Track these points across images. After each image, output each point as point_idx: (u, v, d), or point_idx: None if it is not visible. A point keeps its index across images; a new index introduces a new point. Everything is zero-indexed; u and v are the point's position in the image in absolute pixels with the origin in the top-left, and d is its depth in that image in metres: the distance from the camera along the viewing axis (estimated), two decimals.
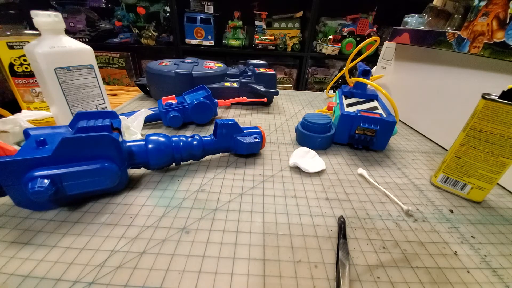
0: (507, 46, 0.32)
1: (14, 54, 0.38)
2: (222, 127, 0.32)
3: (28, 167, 0.21)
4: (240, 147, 0.34)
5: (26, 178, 0.21)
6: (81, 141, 0.23)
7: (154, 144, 0.28)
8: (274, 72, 0.56)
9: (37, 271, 0.18)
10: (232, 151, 0.35)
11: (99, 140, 0.23)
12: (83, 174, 0.23)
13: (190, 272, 0.19)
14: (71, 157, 0.23)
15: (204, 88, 0.45)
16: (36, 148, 0.22)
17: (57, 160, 0.22)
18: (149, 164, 0.29)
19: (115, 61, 1.41)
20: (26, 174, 0.21)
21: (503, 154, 0.27)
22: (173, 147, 0.30)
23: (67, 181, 0.22)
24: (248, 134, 0.35)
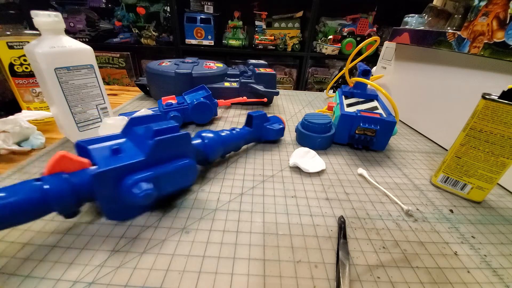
0: (507, 46, 0.32)
1: (14, 54, 0.38)
2: (256, 118, 0.36)
3: (124, 173, 0.21)
4: (271, 134, 0.38)
5: (125, 184, 0.20)
6: (170, 141, 0.23)
7: (209, 140, 0.30)
8: (274, 72, 0.56)
9: (37, 271, 0.18)
10: (262, 139, 0.39)
11: (181, 139, 0.24)
12: (175, 173, 0.23)
13: (190, 272, 0.19)
14: (160, 158, 0.23)
15: (204, 88, 0.45)
16: (112, 156, 0.22)
17: (150, 162, 0.22)
18: (208, 159, 0.30)
19: (115, 61, 1.41)
20: (124, 181, 0.21)
21: (503, 154, 0.27)
22: (222, 140, 0.31)
23: (163, 182, 0.23)
24: (273, 122, 0.39)
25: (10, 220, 0.18)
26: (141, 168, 0.22)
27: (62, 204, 0.19)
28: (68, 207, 0.20)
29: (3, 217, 0.17)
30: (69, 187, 0.19)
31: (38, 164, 0.31)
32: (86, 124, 0.35)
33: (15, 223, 0.18)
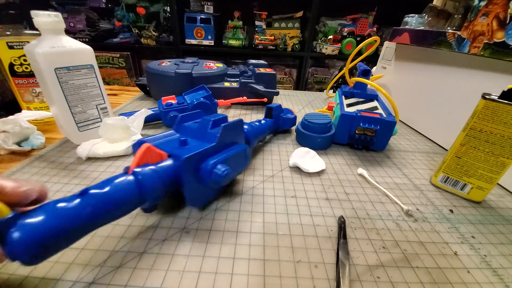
0: (507, 46, 0.32)
1: (14, 54, 0.38)
2: (275, 109, 0.40)
3: (202, 158, 0.23)
4: (287, 123, 0.43)
5: (205, 168, 0.22)
6: (232, 126, 0.26)
7: (247, 130, 0.32)
8: (274, 72, 0.56)
9: (37, 271, 0.18)
10: (279, 129, 0.43)
11: (238, 125, 0.27)
12: (237, 156, 0.26)
13: (190, 272, 0.19)
14: (225, 144, 0.25)
15: (204, 88, 0.45)
16: (182, 146, 0.24)
17: (218, 148, 0.24)
18: (249, 146, 0.32)
19: (115, 61, 1.41)
20: (202, 165, 0.22)
21: (503, 154, 0.27)
22: (257, 130, 0.34)
23: (231, 164, 0.24)
24: (286, 113, 0.43)
25: (111, 216, 0.18)
26: (213, 154, 0.24)
27: (154, 194, 0.20)
28: (157, 198, 0.20)
29: (106, 213, 0.17)
30: (159, 177, 0.20)
31: (38, 164, 0.31)
32: (86, 124, 0.35)
33: (113, 218, 0.18)
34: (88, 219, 0.16)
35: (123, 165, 0.32)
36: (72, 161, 0.32)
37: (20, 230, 0.14)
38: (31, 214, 0.15)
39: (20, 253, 0.14)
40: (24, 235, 0.14)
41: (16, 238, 0.13)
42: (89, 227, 0.16)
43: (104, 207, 0.17)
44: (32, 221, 0.14)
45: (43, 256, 0.15)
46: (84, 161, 0.32)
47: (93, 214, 0.16)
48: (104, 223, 0.17)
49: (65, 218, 0.15)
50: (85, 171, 0.30)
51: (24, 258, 0.14)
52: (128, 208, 0.19)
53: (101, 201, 0.17)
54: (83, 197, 0.16)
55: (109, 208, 0.17)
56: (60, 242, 0.15)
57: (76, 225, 0.15)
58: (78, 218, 0.15)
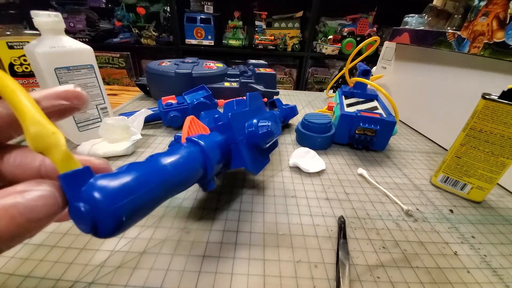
0: (507, 46, 0.32)
1: (14, 54, 0.38)
2: (277, 100, 0.44)
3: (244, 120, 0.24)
4: (292, 113, 0.45)
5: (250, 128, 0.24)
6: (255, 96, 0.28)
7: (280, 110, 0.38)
8: (274, 72, 0.56)
9: (37, 271, 0.18)
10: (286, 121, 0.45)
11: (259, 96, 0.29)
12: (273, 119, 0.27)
13: (190, 272, 0.19)
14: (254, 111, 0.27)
15: (204, 88, 0.45)
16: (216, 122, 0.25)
17: (251, 113, 0.26)
18: None
19: (115, 61, 1.41)
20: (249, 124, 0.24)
21: (503, 154, 0.27)
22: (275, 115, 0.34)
23: None
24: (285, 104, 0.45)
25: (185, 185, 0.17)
26: (250, 117, 0.25)
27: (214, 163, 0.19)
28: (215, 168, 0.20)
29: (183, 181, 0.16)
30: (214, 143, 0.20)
31: None
32: (86, 124, 0.35)
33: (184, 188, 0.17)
34: (167, 184, 0.14)
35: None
36: None
37: (104, 191, 0.11)
38: (111, 175, 0.12)
39: (106, 221, 0.11)
40: (110, 199, 0.11)
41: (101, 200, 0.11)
42: (166, 194, 0.15)
43: (179, 171, 0.16)
44: (115, 182, 0.12)
45: (126, 226, 0.12)
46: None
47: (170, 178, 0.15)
48: (177, 191, 0.16)
49: (148, 182, 0.13)
50: None
51: (106, 228, 0.11)
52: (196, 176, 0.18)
53: (176, 164, 0.16)
54: (158, 161, 0.15)
55: (184, 174, 0.16)
56: (143, 210, 0.13)
57: (158, 190, 0.14)
58: (159, 182, 0.14)
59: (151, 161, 0.15)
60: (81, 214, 0.10)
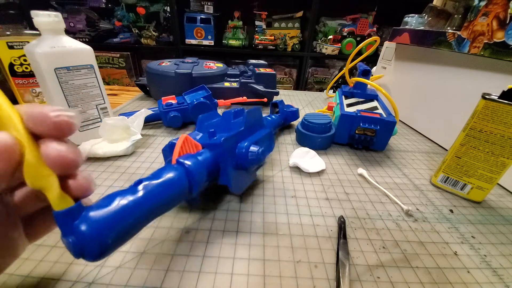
0: (507, 46, 0.32)
1: (14, 54, 0.38)
2: (280, 104, 0.43)
3: (236, 142, 0.24)
4: (293, 116, 0.45)
5: (241, 149, 0.24)
6: (253, 112, 0.28)
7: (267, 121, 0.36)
8: (274, 72, 0.56)
9: (37, 271, 0.18)
10: (287, 122, 0.45)
11: (258, 111, 0.29)
12: (265, 139, 0.28)
13: (190, 272, 0.19)
14: (249, 129, 0.27)
15: (204, 88, 0.45)
16: (211, 137, 0.24)
17: (246, 133, 0.26)
18: None
19: (115, 61, 1.40)
20: (238, 147, 0.24)
21: (503, 154, 0.27)
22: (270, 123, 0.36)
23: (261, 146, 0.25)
24: (289, 107, 0.46)
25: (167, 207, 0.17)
26: (243, 139, 0.25)
27: (200, 182, 0.20)
28: (202, 186, 0.21)
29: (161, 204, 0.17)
30: (202, 165, 0.21)
31: None
32: (86, 124, 0.35)
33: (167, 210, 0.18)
34: (148, 210, 0.16)
35: (123, 165, 0.32)
36: None
37: (86, 223, 0.13)
38: (98, 206, 0.14)
39: (91, 249, 0.13)
40: (94, 230, 0.13)
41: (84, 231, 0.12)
42: (148, 219, 0.16)
43: (162, 198, 0.17)
44: (97, 214, 0.13)
45: (110, 251, 0.14)
46: (84, 161, 0.32)
47: (152, 205, 0.16)
48: (161, 213, 0.17)
49: (129, 211, 0.14)
50: (85, 171, 0.30)
51: (92, 254, 0.13)
52: (180, 197, 0.19)
53: (158, 192, 0.16)
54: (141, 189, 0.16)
55: (165, 198, 0.17)
56: (126, 235, 0.14)
57: (139, 217, 0.15)
58: (140, 210, 0.15)
59: (134, 190, 0.16)
60: (70, 245, 0.12)
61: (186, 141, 0.22)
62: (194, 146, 0.23)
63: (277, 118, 0.40)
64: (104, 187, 0.28)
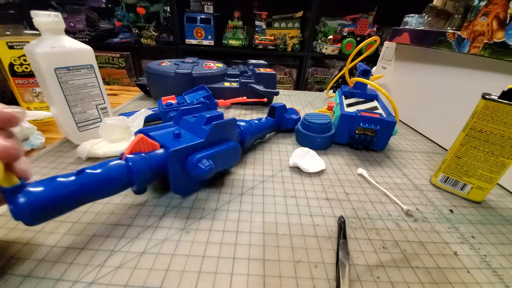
0: (507, 46, 0.32)
1: (14, 54, 0.38)
2: (279, 109, 0.41)
3: (190, 152, 0.25)
4: (290, 123, 0.43)
5: (191, 161, 0.24)
6: (222, 125, 0.27)
7: (244, 128, 0.33)
8: (274, 72, 0.56)
9: (37, 271, 0.18)
10: (281, 128, 0.43)
11: (230, 124, 0.29)
12: (226, 153, 0.27)
13: (190, 272, 0.19)
14: (214, 140, 0.27)
15: (204, 88, 0.45)
16: (175, 139, 0.26)
17: (207, 144, 0.26)
18: (243, 145, 0.33)
19: (115, 61, 1.40)
20: (189, 159, 0.24)
21: (503, 154, 0.27)
22: (254, 129, 0.35)
23: (218, 160, 0.26)
24: (291, 113, 0.44)
25: (102, 193, 0.20)
26: (201, 149, 0.26)
27: (141, 179, 0.22)
28: (145, 182, 0.23)
29: (98, 190, 0.20)
30: (148, 164, 0.23)
31: (38, 164, 0.31)
32: (86, 124, 0.35)
33: (104, 195, 0.21)
34: (82, 192, 0.19)
35: None
36: (72, 161, 0.32)
37: (26, 196, 0.17)
38: (35, 184, 0.17)
39: (24, 215, 0.16)
40: (29, 201, 0.16)
41: (22, 202, 0.16)
42: (82, 199, 0.19)
43: (96, 184, 0.20)
44: (35, 190, 0.17)
45: (42, 219, 0.18)
46: (84, 161, 0.32)
47: (86, 188, 0.19)
48: (96, 198, 0.20)
49: (62, 190, 0.18)
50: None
51: (26, 219, 0.17)
52: (117, 187, 0.21)
53: (94, 179, 0.20)
54: (80, 174, 0.19)
55: (100, 185, 0.20)
56: (57, 209, 0.18)
57: (71, 196, 0.18)
58: (73, 191, 0.18)
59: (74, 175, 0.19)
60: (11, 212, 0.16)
61: (142, 141, 0.23)
62: (150, 145, 0.24)
63: (268, 122, 0.39)
64: None
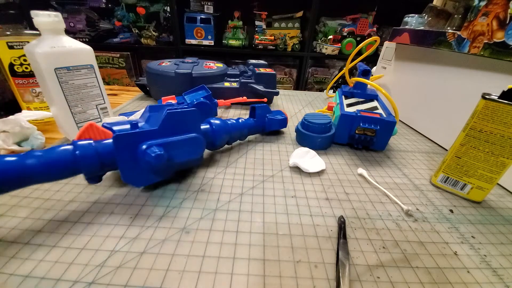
0: (507, 46, 0.32)
1: (14, 54, 0.38)
2: (258, 108, 0.40)
3: (140, 140, 0.24)
4: (274, 124, 0.41)
5: (141, 149, 0.24)
6: (179, 114, 0.26)
7: (216, 126, 0.33)
8: (274, 72, 0.56)
9: (37, 271, 0.18)
10: (266, 130, 0.41)
11: (190, 114, 0.27)
12: (184, 143, 0.27)
13: (190, 272, 0.19)
14: (171, 130, 0.26)
15: (204, 88, 0.45)
16: (132, 128, 0.25)
17: (161, 133, 0.25)
18: (215, 144, 0.33)
19: (115, 61, 1.41)
20: (140, 146, 0.24)
21: (503, 154, 0.27)
22: (228, 128, 0.34)
23: (173, 150, 0.25)
24: (275, 114, 0.42)
25: (47, 176, 0.21)
26: (155, 137, 0.25)
27: (88, 166, 0.22)
28: (93, 170, 0.23)
29: (42, 172, 0.20)
30: (94, 152, 0.22)
31: None
32: None
33: (51, 178, 0.21)
34: (27, 172, 0.20)
35: None
36: None
37: None
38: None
39: None
40: None
41: None
42: (28, 179, 0.20)
43: (41, 166, 0.20)
44: None
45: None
46: None
47: (31, 169, 0.20)
48: (40, 180, 0.21)
49: (5, 168, 0.19)
50: None
51: None
52: (63, 172, 0.22)
53: (39, 160, 0.20)
54: (26, 155, 0.20)
55: (45, 167, 0.20)
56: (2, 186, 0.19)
57: (16, 174, 0.19)
58: (18, 169, 0.19)
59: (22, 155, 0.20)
60: None
61: (91, 127, 0.24)
62: (101, 133, 0.24)
63: (247, 122, 0.38)
64: (104, 187, 0.28)
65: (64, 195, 0.26)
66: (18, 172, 0.19)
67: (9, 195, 0.25)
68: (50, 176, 0.21)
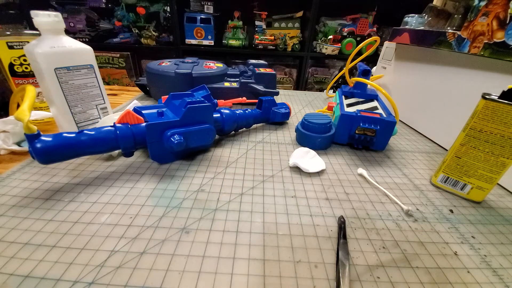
0: (507, 46, 0.32)
1: (14, 54, 0.38)
2: (265, 101, 0.45)
3: (165, 128, 0.30)
4: (277, 116, 0.45)
5: (166, 135, 0.29)
6: (198, 109, 0.32)
7: (226, 115, 0.38)
8: (274, 72, 0.56)
9: (37, 271, 0.18)
10: (270, 121, 0.47)
11: (206, 108, 0.33)
12: (198, 132, 0.32)
13: (190, 272, 0.19)
14: (189, 121, 0.32)
15: (204, 88, 0.45)
16: (158, 116, 0.31)
17: (182, 123, 0.31)
18: (223, 130, 0.38)
19: (115, 61, 1.41)
20: (165, 133, 0.30)
21: (503, 154, 0.27)
22: (236, 116, 0.39)
23: (190, 138, 0.31)
24: (280, 107, 0.47)
25: (95, 148, 0.27)
26: (176, 126, 0.31)
27: (125, 143, 0.28)
28: (128, 146, 0.29)
29: (92, 145, 0.26)
30: (131, 133, 0.28)
31: (38, 163, 0.31)
32: (86, 124, 0.35)
33: (97, 151, 0.27)
34: (79, 146, 0.26)
35: (123, 164, 0.32)
36: (72, 161, 0.32)
37: (40, 142, 0.23)
38: (47, 135, 0.24)
39: (38, 156, 0.23)
40: (42, 146, 0.23)
41: (37, 147, 0.23)
42: (80, 151, 0.26)
43: (91, 141, 0.26)
44: (47, 139, 0.24)
45: (50, 161, 0.24)
46: (84, 160, 0.32)
47: (84, 143, 0.26)
48: (89, 152, 0.27)
49: (65, 141, 0.25)
50: (85, 171, 0.30)
51: (39, 159, 0.24)
52: (108, 146, 0.27)
53: (90, 137, 0.26)
54: (80, 133, 0.26)
55: (93, 143, 0.26)
56: (61, 154, 0.25)
57: (71, 147, 0.25)
58: (73, 143, 0.25)
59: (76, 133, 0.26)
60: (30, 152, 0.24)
61: (128, 114, 0.29)
62: (136, 119, 0.30)
63: (254, 112, 0.43)
64: (105, 187, 0.28)
65: (64, 195, 0.26)
66: (75, 145, 0.25)
67: (10, 195, 0.25)
68: (96, 149, 0.27)
